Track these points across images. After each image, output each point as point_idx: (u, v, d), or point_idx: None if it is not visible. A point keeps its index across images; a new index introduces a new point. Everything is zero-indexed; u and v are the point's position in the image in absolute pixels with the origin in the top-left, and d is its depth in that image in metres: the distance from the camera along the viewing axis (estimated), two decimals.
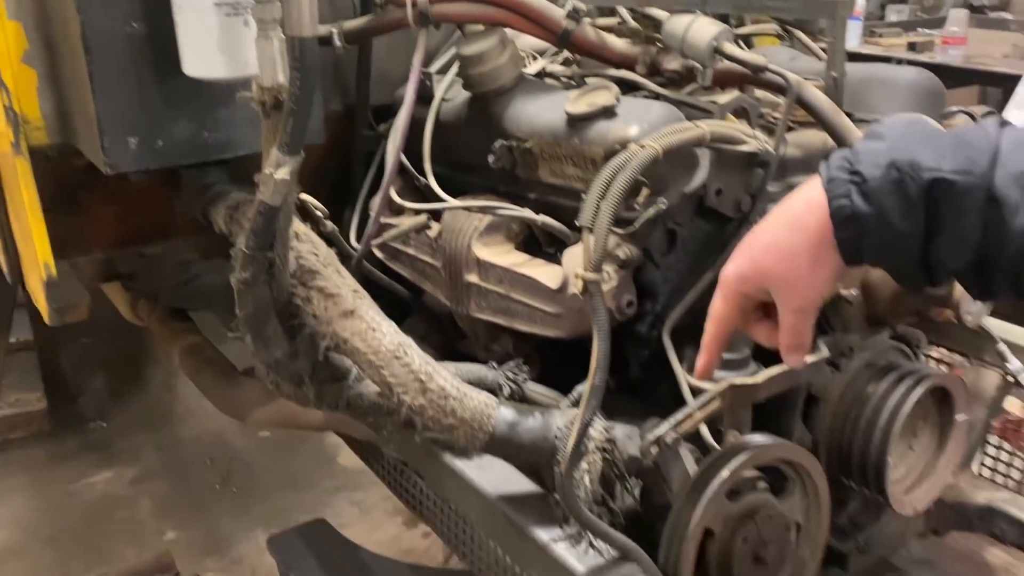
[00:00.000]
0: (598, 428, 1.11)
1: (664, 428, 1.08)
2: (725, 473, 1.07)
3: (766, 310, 0.96)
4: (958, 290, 1.30)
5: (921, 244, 0.82)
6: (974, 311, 1.33)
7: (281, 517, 2.99)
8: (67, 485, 3.30)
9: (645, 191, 1.17)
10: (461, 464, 1.24)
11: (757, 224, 0.94)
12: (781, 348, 0.95)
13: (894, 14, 5.70)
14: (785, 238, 0.89)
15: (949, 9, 5.07)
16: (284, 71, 1.04)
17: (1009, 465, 1.66)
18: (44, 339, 3.69)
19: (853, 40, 5.19)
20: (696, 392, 1.17)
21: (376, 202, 1.48)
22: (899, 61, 4.73)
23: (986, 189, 0.78)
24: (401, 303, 1.63)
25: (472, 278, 1.40)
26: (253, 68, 1.10)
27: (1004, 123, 0.83)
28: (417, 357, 1.15)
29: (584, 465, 1.09)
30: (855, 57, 3.42)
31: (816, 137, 1.36)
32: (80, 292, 1.56)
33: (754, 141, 1.19)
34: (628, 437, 1.14)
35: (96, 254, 1.71)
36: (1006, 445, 1.68)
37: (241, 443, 3.59)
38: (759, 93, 1.42)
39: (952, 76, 4.76)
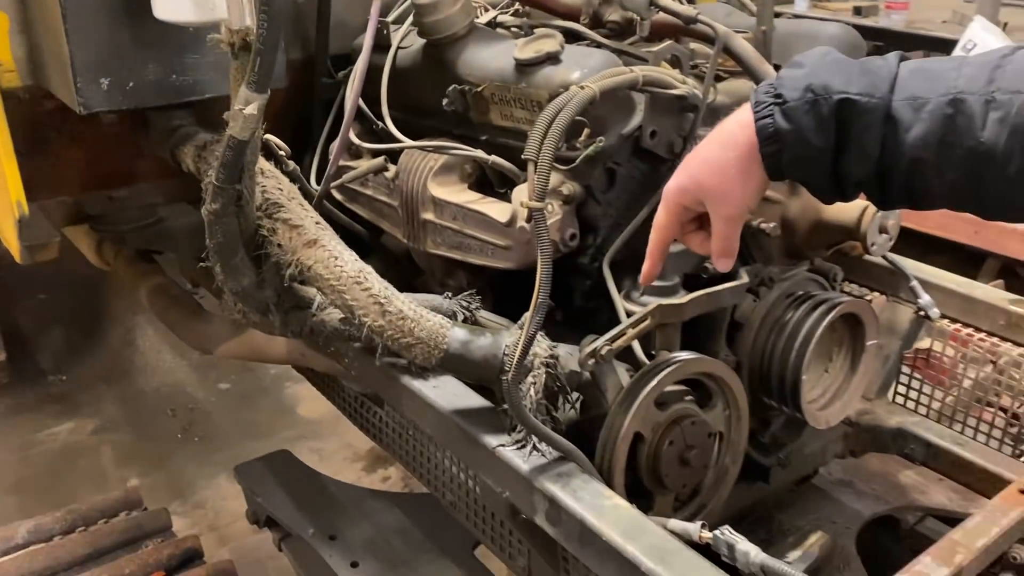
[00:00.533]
0: (543, 346, 1.22)
1: (600, 342, 1.20)
2: (653, 382, 1.20)
3: (700, 223, 1.10)
4: (864, 222, 1.43)
5: (832, 158, 0.96)
6: (879, 242, 1.46)
7: None
8: (29, 435, 3.35)
9: (586, 131, 1.28)
10: (418, 384, 1.35)
11: (697, 144, 1.06)
12: (712, 253, 1.08)
13: None
14: (719, 154, 1.02)
15: None
16: (252, 14, 1.12)
17: (919, 392, 1.81)
18: (0, 294, 3.70)
19: (802, 4, 5.35)
20: (631, 315, 1.29)
21: (336, 145, 1.57)
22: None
23: (885, 109, 0.92)
24: (360, 243, 1.72)
25: (428, 216, 1.50)
26: (220, 12, 1.18)
27: (904, 57, 0.97)
28: (376, 282, 1.25)
29: (530, 379, 1.20)
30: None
31: (745, 85, 1.47)
32: (50, 231, 1.63)
33: (684, 86, 1.30)
34: (569, 354, 1.26)
35: (64, 197, 1.77)
36: (917, 374, 1.83)
37: (202, 394, 3.66)
38: (696, 46, 1.53)
39: (895, 40, 4.93)
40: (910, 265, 1.77)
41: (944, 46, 4.38)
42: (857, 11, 5.10)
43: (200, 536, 1.97)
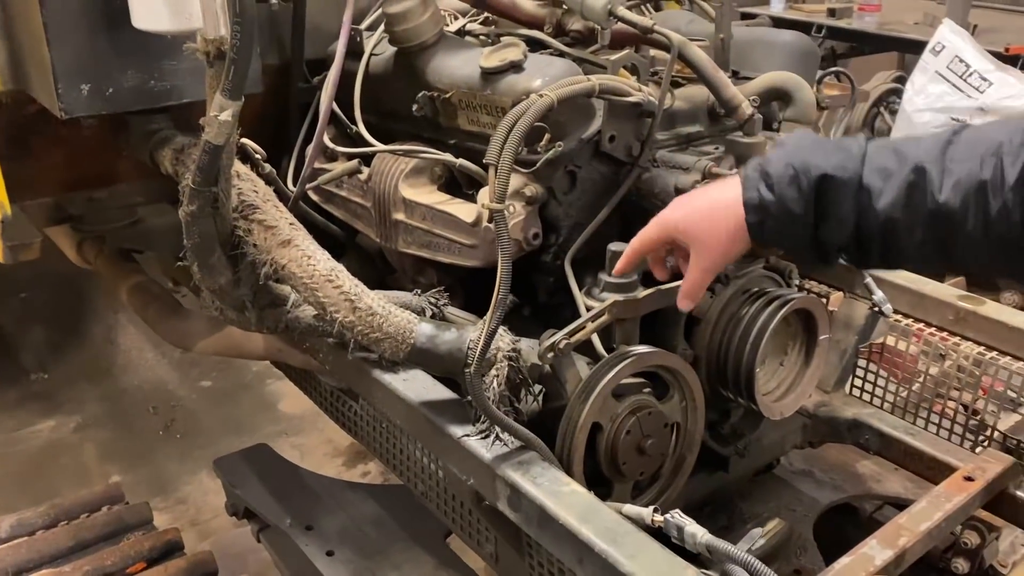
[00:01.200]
0: (506, 340, 1.29)
1: (559, 336, 1.26)
2: (611, 374, 1.26)
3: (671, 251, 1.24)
4: None
5: (812, 226, 1.09)
6: None
7: None
8: (11, 433, 3.37)
9: (546, 136, 1.34)
10: (388, 377, 1.41)
11: (709, 187, 1.21)
12: (680, 292, 1.22)
13: None
14: (718, 213, 1.15)
15: None
16: (226, 24, 1.17)
17: (874, 384, 1.89)
18: None
19: (777, 6, 5.43)
20: (591, 310, 1.36)
21: (311, 149, 1.62)
22: (819, 28, 4.99)
23: (857, 180, 1.06)
24: (336, 242, 1.77)
25: (399, 216, 1.56)
26: (196, 22, 1.23)
27: (871, 137, 1.11)
28: (347, 280, 1.31)
29: (493, 371, 1.26)
30: (779, 22, 3.60)
31: (702, 92, 1.54)
32: (33, 232, 1.68)
33: (639, 93, 1.36)
34: (531, 348, 1.32)
35: (46, 198, 1.81)
36: (872, 367, 1.91)
37: (184, 392, 3.69)
38: (657, 53, 1.60)
39: (868, 41, 5.01)
40: None
41: (915, 47, 4.46)
42: (831, 13, 5.18)
43: (181, 530, 2.02)
